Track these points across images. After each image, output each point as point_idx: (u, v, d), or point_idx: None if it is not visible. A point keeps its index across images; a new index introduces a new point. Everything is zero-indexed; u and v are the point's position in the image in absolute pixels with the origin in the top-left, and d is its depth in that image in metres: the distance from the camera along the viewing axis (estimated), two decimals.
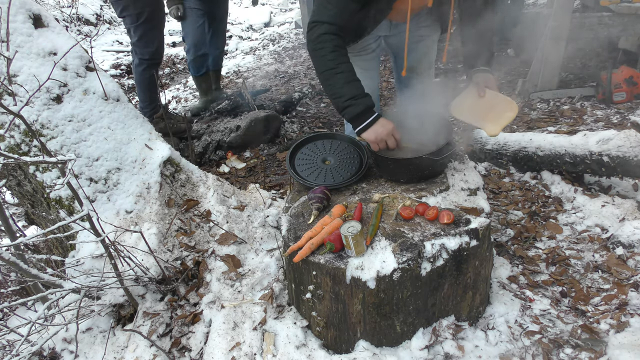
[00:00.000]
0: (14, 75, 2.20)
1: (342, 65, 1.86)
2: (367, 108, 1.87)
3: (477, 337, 1.78)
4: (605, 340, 1.75)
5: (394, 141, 1.90)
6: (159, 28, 3.75)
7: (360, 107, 1.86)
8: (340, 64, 1.85)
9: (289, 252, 1.70)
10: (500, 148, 3.02)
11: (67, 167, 1.61)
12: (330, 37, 1.84)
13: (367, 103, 1.87)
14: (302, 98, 4.82)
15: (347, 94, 1.85)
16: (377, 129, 1.88)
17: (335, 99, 1.90)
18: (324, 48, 1.85)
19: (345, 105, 1.86)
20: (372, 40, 2.29)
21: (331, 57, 1.85)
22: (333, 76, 1.86)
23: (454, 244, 1.64)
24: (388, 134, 1.89)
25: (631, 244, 2.18)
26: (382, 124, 1.89)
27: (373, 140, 1.90)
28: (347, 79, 1.86)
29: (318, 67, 1.90)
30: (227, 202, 2.55)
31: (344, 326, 1.74)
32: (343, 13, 1.86)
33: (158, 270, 2.07)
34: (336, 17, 1.85)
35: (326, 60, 1.85)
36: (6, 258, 1.70)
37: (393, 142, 1.91)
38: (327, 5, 1.86)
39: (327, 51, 1.84)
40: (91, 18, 7.87)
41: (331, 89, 1.89)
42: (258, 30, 8.35)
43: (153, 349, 1.86)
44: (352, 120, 1.90)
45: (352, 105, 1.85)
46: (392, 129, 1.90)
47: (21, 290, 2.25)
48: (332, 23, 1.85)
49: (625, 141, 2.46)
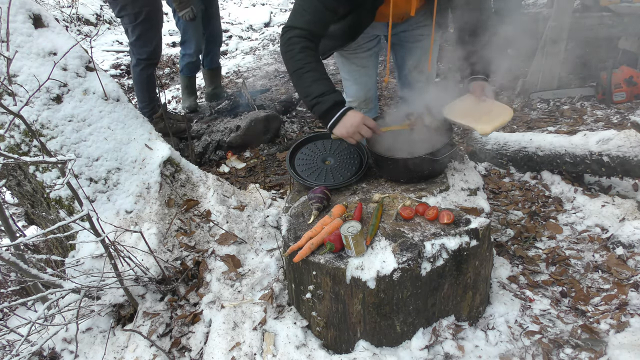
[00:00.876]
0: (14, 75, 2.20)
1: (310, 65, 1.86)
2: (335, 103, 1.85)
3: (477, 337, 1.78)
4: (605, 340, 1.75)
5: (367, 130, 1.86)
6: (157, 28, 3.74)
7: (328, 103, 1.84)
8: (307, 64, 1.86)
9: (289, 252, 1.70)
10: (500, 148, 3.02)
11: (67, 167, 1.61)
12: (299, 40, 1.86)
13: (335, 99, 1.85)
14: None
15: (315, 91, 1.85)
16: (346, 122, 1.85)
17: (304, 99, 1.90)
18: (292, 50, 1.87)
19: (313, 103, 1.86)
20: (368, 39, 2.29)
21: (299, 58, 1.86)
22: (301, 76, 1.87)
23: (454, 244, 1.64)
24: (359, 125, 1.85)
25: (631, 244, 2.18)
26: (351, 116, 1.85)
27: (345, 135, 1.87)
28: (314, 78, 1.86)
29: (288, 68, 1.91)
30: (227, 202, 2.55)
31: (344, 326, 1.74)
32: (317, 21, 1.88)
33: (158, 270, 2.07)
34: (309, 24, 1.87)
35: (294, 61, 1.87)
36: (6, 258, 1.71)
37: (367, 131, 1.86)
38: (302, 11, 1.89)
39: (296, 52, 1.86)
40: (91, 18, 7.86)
41: (301, 89, 1.89)
42: (258, 30, 8.35)
43: (153, 349, 1.86)
44: (321, 117, 1.89)
45: (320, 102, 1.85)
46: (362, 118, 1.86)
47: (21, 290, 2.25)
48: (304, 29, 1.86)
49: (625, 141, 2.46)
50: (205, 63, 4.64)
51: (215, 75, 4.72)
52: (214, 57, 4.58)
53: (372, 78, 2.45)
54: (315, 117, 1.92)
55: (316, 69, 1.87)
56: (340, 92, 1.89)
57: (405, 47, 2.35)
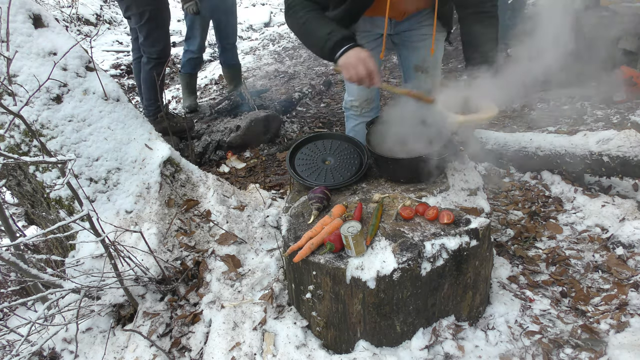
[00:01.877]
0: (14, 75, 2.20)
1: (312, 17, 1.88)
2: (343, 37, 1.85)
3: (477, 337, 1.78)
4: (605, 340, 1.75)
5: (364, 68, 1.82)
6: (164, 27, 3.75)
7: (336, 37, 1.84)
8: (310, 17, 1.88)
9: (289, 252, 1.70)
10: (500, 148, 3.02)
11: (67, 167, 1.61)
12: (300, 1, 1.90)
13: (343, 33, 1.85)
14: (302, 98, 4.82)
15: (323, 33, 1.86)
16: (349, 55, 1.83)
17: (315, 47, 1.91)
18: (296, 12, 1.90)
19: (323, 42, 1.86)
20: (371, 38, 2.29)
21: (301, 15, 1.89)
22: (307, 28, 1.89)
23: (454, 244, 1.64)
24: (359, 59, 1.82)
25: (631, 244, 2.18)
26: (356, 51, 1.84)
27: (343, 66, 1.85)
28: (318, 24, 1.88)
29: (294, 29, 1.93)
30: (227, 202, 2.55)
31: (344, 326, 1.74)
32: None
33: (158, 270, 2.07)
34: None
35: (297, 19, 1.90)
36: (6, 258, 1.70)
37: (363, 69, 1.82)
38: None
39: (297, 11, 1.90)
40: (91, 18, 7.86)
41: (310, 40, 1.91)
42: (258, 30, 8.35)
43: (153, 349, 1.86)
44: (330, 53, 1.87)
45: (329, 39, 1.85)
46: (366, 56, 1.83)
47: (21, 290, 2.25)
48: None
49: (625, 141, 2.46)
50: (222, 61, 4.65)
51: (234, 73, 4.72)
52: (228, 53, 4.57)
53: None
54: (327, 56, 1.90)
55: (318, 18, 1.89)
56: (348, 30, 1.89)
57: (410, 47, 2.35)
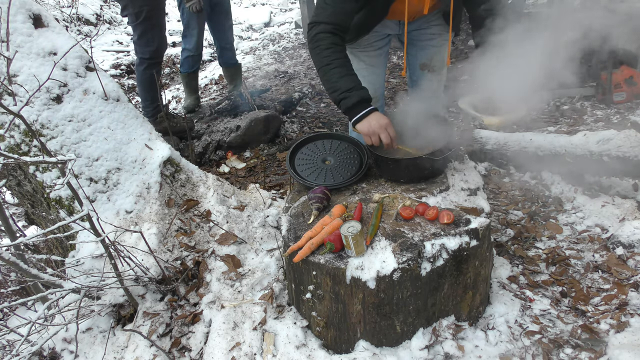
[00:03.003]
0: (14, 75, 2.20)
1: (338, 61, 1.90)
2: (362, 100, 1.90)
3: (477, 337, 1.78)
4: (605, 340, 1.75)
5: (387, 136, 1.90)
6: (159, 27, 3.74)
7: (355, 98, 1.89)
8: (335, 60, 1.90)
9: (289, 252, 1.70)
10: (500, 148, 3.02)
11: (67, 167, 1.61)
12: (326, 35, 1.90)
13: (362, 95, 1.90)
14: (302, 98, 4.82)
15: (343, 87, 1.89)
16: (371, 122, 1.89)
17: (332, 93, 1.94)
18: (320, 46, 1.91)
19: (341, 97, 1.90)
20: (378, 37, 2.29)
21: (327, 54, 1.90)
22: (329, 71, 1.91)
23: (454, 244, 1.64)
24: (381, 128, 1.89)
25: (631, 244, 2.18)
26: (377, 118, 1.90)
27: (366, 133, 1.91)
28: (341, 73, 1.90)
29: (316, 63, 1.95)
30: (227, 202, 2.55)
31: (344, 326, 1.74)
32: (340, 12, 1.92)
33: (158, 270, 2.07)
34: (333, 17, 1.91)
35: (322, 57, 1.91)
36: (6, 258, 1.71)
37: (387, 137, 1.90)
38: (324, 6, 1.92)
39: (323, 48, 1.90)
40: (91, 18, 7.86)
41: (328, 84, 1.93)
42: (258, 30, 8.35)
43: (153, 349, 1.86)
44: (347, 111, 1.93)
45: (347, 97, 1.89)
46: (387, 123, 1.90)
47: (21, 290, 2.25)
48: (329, 22, 1.90)
49: (625, 141, 2.46)
50: (221, 61, 4.65)
51: (234, 73, 4.72)
52: (226, 53, 4.57)
53: (380, 77, 2.46)
54: (341, 110, 1.96)
55: (344, 65, 1.92)
56: (367, 90, 1.93)
57: (417, 46, 2.36)
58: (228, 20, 4.44)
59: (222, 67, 4.75)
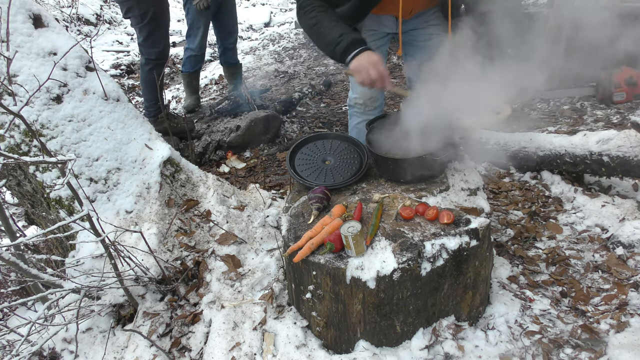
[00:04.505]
0: (14, 75, 2.20)
1: (323, 17, 1.90)
2: (354, 41, 1.87)
3: (477, 337, 1.78)
4: (605, 340, 1.75)
5: (376, 71, 1.85)
6: (164, 28, 3.75)
7: (347, 40, 1.86)
8: (321, 19, 1.90)
9: (289, 252, 1.70)
10: (500, 148, 3.02)
11: (67, 167, 1.61)
12: (311, 2, 1.91)
13: (353, 37, 1.88)
14: (302, 98, 4.82)
15: (334, 36, 1.88)
16: (361, 60, 1.85)
17: (326, 48, 1.93)
18: (306, 12, 1.92)
19: (334, 45, 1.88)
20: (377, 37, 2.29)
21: (312, 15, 1.91)
22: (318, 30, 1.91)
23: (454, 244, 1.64)
24: (370, 64, 1.84)
25: (631, 244, 2.18)
26: (367, 55, 1.86)
27: (355, 69, 1.87)
28: (330, 26, 1.89)
29: (306, 30, 1.95)
30: (227, 202, 2.55)
31: (344, 326, 1.74)
32: None
33: (158, 270, 2.07)
34: None
35: (308, 19, 1.92)
36: (6, 258, 1.71)
37: (375, 72, 1.84)
38: None
39: (308, 11, 1.92)
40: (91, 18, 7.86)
41: (320, 42, 1.93)
42: (258, 30, 8.35)
43: (153, 349, 1.86)
44: (342, 56, 1.90)
45: (340, 42, 1.87)
46: (377, 60, 1.86)
47: (21, 290, 2.24)
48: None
49: (625, 141, 2.46)
50: (222, 60, 4.65)
51: (235, 73, 4.72)
52: (229, 53, 4.57)
53: None
54: (338, 58, 1.93)
55: (329, 19, 1.91)
56: (359, 32, 1.93)
57: (416, 46, 2.36)
58: (233, 20, 4.44)
59: (222, 67, 4.75)
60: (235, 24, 4.48)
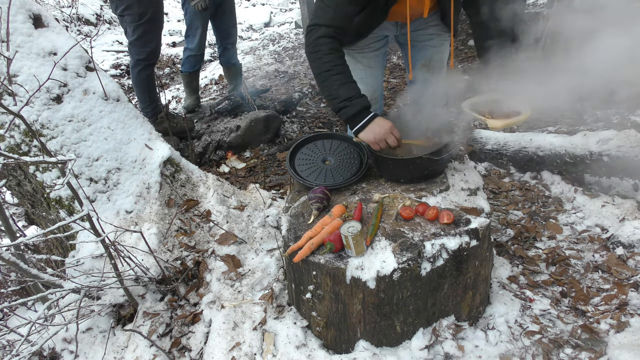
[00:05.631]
0: (14, 75, 2.20)
1: (338, 67, 1.86)
2: (363, 108, 1.87)
3: (477, 337, 1.78)
4: (605, 340, 1.75)
5: (394, 139, 1.88)
6: (159, 29, 3.74)
7: (356, 107, 1.85)
8: (335, 66, 1.86)
9: (289, 252, 1.70)
10: (500, 148, 3.02)
11: (67, 167, 1.61)
12: (326, 40, 1.86)
13: (362, 103, 1.86)
14: (302, 98, 4.82)
15: (343, 95, 1.86)
16: (375, 129, 1.86)
17: (331, 101, 1.90)
18: (320, 51, 1.86)
19: (341, 106, 1.87)
20: (376, 39, 2.29)
21: (327, 60, 1.86)
22: (329, 78, 1.87)
23: (454, 244, 1.64)
24: (386, 133, 1.87)
25: (631, 244, 2.18)
26: (380, 124, 1.87)
27: (372, 141, 1.88)
28: (342, 81, 1.86)
29: (314, 69, 1.91)
30: (227, 202, 2.55)
31: (344, 326, 1.74)
32: (341, 16, 1.87)
33: (158, 270, 2.07)
34: (334, 20, 1.87)
35: (322, 63, 1.87)
36: (6, 258, 1.71)
37: (393, 140, 1.88)
38: (325, 8, 1.87)
39: (324, 54, 1.86)
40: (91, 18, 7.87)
41: (327, 91, 1.89)
42: (258, 30, 8.35)
43: (153, 349, 1.86)
44: (348, 121, 1.90)
45: (348, 106, 1.86)
46: (390, 127, 1.88)
47: (21, 290, 2.25)
48: (330, 26, 1.86)
49: (625, 141, 2.46)
50: (222, 60, 4.65)
51: (234, 73, 4.71)
52: (228, 53, 4.57)
53: (378, 79, 2.46)
54: (342, 120, 1.94)
55: (343, 72, 1.87)
56: (366, 97, 1.89)
57: (416, 47, 2.36)
58: (232, 20, 4.44)
59: (222, 67, 4.76)
60: (234, 25, 4.48)
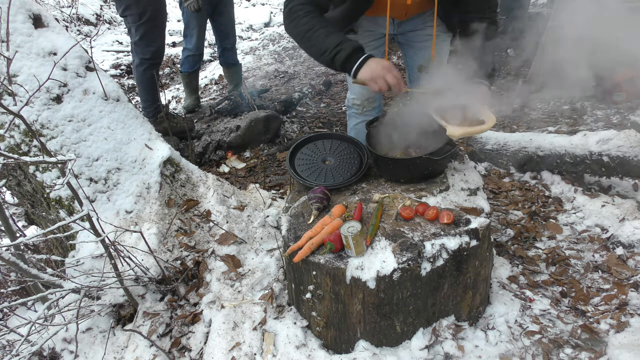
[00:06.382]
0: (14, 75, 2.20)
1: (318, 24, 1.81)
2: (355, 49, 1.80)
3: (477, 337, 1.78)
4: (605, 340, 1.75)
5: (392, 76, 1.79)
6: (161, 28, 3.74)
7: (348, 49, 1.79)
8: (315, 24, 1.81)
9: (289, 252, 1.70)
10: (500, 148, 3.02)
11: (67, 167, 1.61)
12: (300, 7, 1.82)
13: (353, 45, 1.80)
14: (302, 98, 4.82)
15: (331, 44, 1.80)
16: (372, 65, 1.78)
17: (321, 56, 1.84)
18: (297, 17, 1.83)
19: (333, 54, 1.80)
20: (374, 37, 2.29)
21: (305, 21, 1.82)
22: (312, 36, 1.81)
23: (454, 244, 1.64)
24: (385, 69, 1.78)
25: (631, 244, 2.18)
26: (377, 61, 1.79)
27: (370, 78, 1.79)
28: (326, 33, 1.81)
29: (296, 36, 1.86)
30: (227, 202, 2.55)
31: (344, 326, 1.74)
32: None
33: (158, 270, 2.07)
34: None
35: (301, 25, 1.82)
36: (6, 258, 1.71)
37: (392, 77, 1.79)
38: None
39: (300, 17, 1.82)
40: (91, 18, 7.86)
41: (315, 48, 1.84)
42: (258, 30, 8.35)
43: (153, 349, 1.86)
44: (343, 65, 1.82)
45: (340, 51, 1.79)
46: (389, 65, 1.80)
47: (21, 290, 2.25)
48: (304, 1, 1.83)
49: (625, 141, 2.47)
50: (222, 60, 4.65)
51: (234, 73, 4.71)
52: (227, 53, 4.56)
53: None
54: (337, 68, 1.85)
55: (325, 27, 1.81)
56: (356, 40, 1.84)
57: (414, 47, 2.36)
58: (230, 21, 4.43)
59: (222, 67, 4.76)
60: (232, 26, 4.47)
